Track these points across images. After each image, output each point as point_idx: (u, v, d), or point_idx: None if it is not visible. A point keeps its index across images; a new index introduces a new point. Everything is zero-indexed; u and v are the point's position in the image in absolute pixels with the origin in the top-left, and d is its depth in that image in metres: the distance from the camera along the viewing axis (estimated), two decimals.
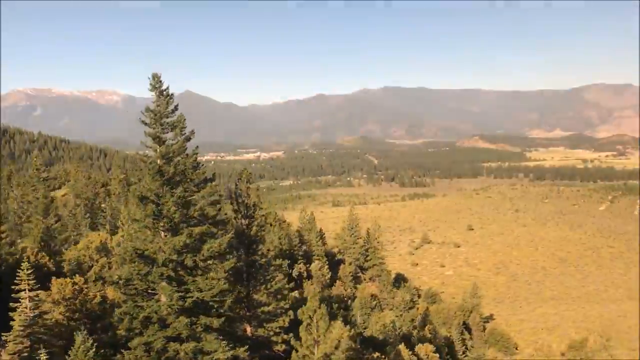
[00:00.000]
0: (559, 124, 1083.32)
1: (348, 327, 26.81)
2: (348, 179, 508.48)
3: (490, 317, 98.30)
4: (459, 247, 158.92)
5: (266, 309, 21.41)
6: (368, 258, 77.27)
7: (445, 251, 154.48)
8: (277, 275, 22.57)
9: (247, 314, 21.56)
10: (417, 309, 70.17)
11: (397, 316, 60.48)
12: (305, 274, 65.09)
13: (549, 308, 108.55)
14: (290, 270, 64.95)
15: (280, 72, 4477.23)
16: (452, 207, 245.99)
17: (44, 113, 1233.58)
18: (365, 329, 49.29)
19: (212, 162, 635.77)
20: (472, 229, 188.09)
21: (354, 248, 77.67)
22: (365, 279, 77.22)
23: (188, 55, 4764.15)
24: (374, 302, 64.15)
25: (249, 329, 21.87)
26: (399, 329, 52.33)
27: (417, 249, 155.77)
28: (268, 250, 22.06)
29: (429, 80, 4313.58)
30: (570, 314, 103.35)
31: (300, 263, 66.25)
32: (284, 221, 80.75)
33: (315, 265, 66.73)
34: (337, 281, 65.79)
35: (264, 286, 21.72)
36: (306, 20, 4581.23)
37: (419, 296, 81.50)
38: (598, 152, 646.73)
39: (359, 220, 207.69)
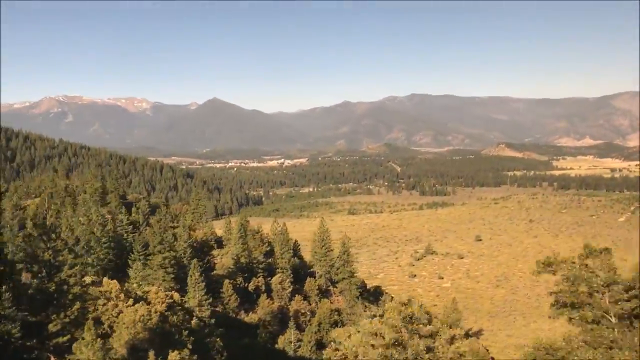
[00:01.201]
0: (589, 132, 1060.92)
1: (191, 355, 25.21)
2: (369, 186, 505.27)
3: (478, 333, 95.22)
4: (462, 258, 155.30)
5: (61, 339, 20.07)
6: (338, 271, 75.36)
7: (448, 262, 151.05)
8: (75, 304, 21.13)
9: (47, 344, 20.23)
10: None
11: (354, 333, 58.47)
12: (263, 288, 63.67)
13: (543, 323, 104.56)
14: (247, 284, 63.65)
15: (307, 79, 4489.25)
16: (465, 217, 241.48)
17: (75, 120, 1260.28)
18: (298, 348, 47.51)
19: (235, 169, 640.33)
20: (481, 240, 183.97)
21: (324, 260, 75.84)
22: (335, 293, 75.35)
23: (216, 63, 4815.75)
24: (333, 318, 62.20)
25: None
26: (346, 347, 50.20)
27: (419, 259, 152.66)
28: (68, 276, 20.69)
29: (457, 88, 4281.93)
30: (565, 329, 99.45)
31: (259, 276, 64.83)
32: (257, 232, 79.51)
33: (276, 279, 65.17)
34: (297, 295, 63.99)
35: (56, 315, 20.39)
36: (333, 27, 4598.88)
37: None
38: (628, 161, 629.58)
39: (370, 229, 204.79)
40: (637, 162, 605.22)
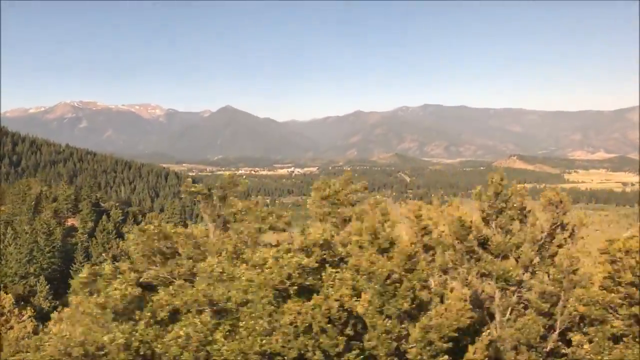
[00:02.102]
0: (603, 146, 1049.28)
1: None
2: (376, 196, 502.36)
3: None
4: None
5: None
6: None
7: None
8: None
9: None
10: None
11: None
12: None
13: None
14: None
15: (320, 88, 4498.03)
16: None
17: (90, 125, 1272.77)
18: None
19: (244, 177, 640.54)
20: None
21: None
22: None
23: (229, 71, 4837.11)
24: None
25: None
26: None
27: None
28: None
29: (471, 99, 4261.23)
30: None
31: None
32: None
33: None
34: None
35: None
36: (347, 37, 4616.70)
37: None
38: None
39: None
40: None
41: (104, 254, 50.62)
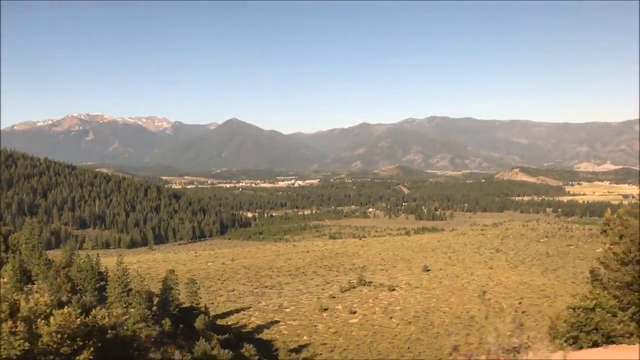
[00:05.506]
0: (610, 157, 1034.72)
1: None
2: (370, 209, 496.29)
3: None
4: (393, 290, 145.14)
5: None
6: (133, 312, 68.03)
7: (374, 295, 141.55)
8: None
9: None
10: None
11: None
12: None
13: None
14: None
15: (326, 100, 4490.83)
16: (432, 244, 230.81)
17: (96, 138, 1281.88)
18: None
19: (240, 189, 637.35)
20: (429, 270, 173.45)
21: (118, 303, 68.65)
22: None
23: (235, 84, 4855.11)
24: None
25: None
26: None
27: (345, 291, 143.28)
28: None
29: (477, 110, 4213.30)
30: None
31: None
32: (64, 267, 73.26)
33: None
34: None
35: None
36: (353, 50, 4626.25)
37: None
38: None
39: (322, 256, 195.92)
40: None
41: None
